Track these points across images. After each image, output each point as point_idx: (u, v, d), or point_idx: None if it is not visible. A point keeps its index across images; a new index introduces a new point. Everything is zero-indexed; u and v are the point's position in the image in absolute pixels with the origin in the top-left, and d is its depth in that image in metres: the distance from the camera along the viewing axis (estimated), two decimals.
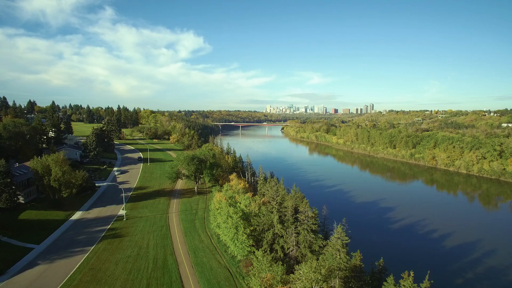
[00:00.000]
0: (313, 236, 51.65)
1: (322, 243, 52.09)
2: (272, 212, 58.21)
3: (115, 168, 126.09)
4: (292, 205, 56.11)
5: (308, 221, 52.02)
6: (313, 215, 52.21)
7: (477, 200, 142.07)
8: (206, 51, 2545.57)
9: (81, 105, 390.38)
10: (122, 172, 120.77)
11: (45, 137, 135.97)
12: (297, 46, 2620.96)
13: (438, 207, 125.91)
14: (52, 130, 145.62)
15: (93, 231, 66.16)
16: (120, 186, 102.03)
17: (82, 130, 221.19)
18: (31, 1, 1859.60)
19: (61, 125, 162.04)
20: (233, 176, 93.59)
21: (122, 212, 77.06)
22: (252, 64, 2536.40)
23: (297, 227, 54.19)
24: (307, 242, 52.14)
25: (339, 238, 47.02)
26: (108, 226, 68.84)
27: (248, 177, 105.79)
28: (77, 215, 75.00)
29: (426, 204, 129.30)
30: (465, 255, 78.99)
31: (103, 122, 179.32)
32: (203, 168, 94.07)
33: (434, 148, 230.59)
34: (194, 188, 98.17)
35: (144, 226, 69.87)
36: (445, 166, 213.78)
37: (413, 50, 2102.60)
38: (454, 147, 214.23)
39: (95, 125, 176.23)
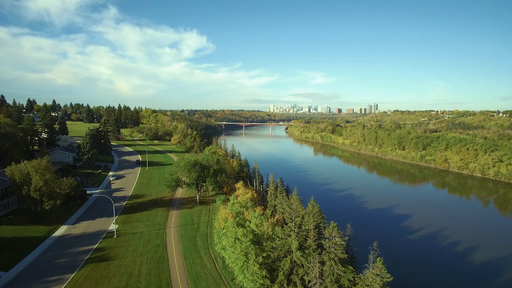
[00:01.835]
0: (342, 268, 41.54)
1: (352, 277, 42.06)
2: (289, 236, 48.17)
3: (111, 173, 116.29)
4: (315, 228, 46.03)
5: (336, 249, 41.93)
6: (343, 242, 42.06)
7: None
8: (210, 50, 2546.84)
9: (82, 104, 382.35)
10: (118, 178, 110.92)
11: (36, 138, 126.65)
12: (300, 45, 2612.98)
13: (456, 213, 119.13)
14: (45, 130, 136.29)
15: (77, 252, 56.33)
16: (114, 194, 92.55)
17: (81, 130, 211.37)
18: (35, 1, 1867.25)
19: (55, 125, 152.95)
20: (239, 185, 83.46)
21: (113, 226, 67.40)
22: (255, 63, 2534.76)
23: (320, 254, 44.19)
24: (333, 275, 42.10)
25: (378, 274, 37.02)
26: (95, 246, 58.95)
27: (256, 185, 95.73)
28: (61, 230, 65.26)
29: (445, 211, 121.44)
30: (495, 272, 70.50)
31: (100, 122, 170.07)
32: (206, 175, 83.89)
33: (446, 150, 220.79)
34: (196, 197, 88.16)
35: (137, 246, 59.95)
36: (458, 169, 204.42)
37: (417, 50, 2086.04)
38: (467, 149, 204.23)
39: (91, 125, 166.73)
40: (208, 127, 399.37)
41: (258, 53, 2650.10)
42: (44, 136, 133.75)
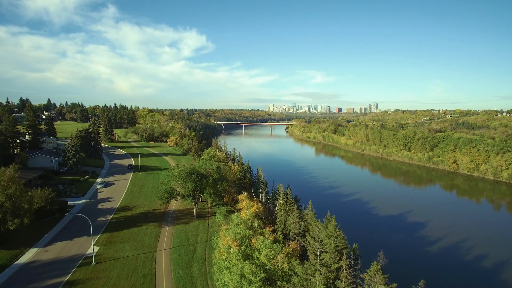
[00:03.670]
0: None
1: None
2: (313, 276, 37.29)
3: (99, 180, 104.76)
4: (349, 267, 35.18)
5: None
6: None
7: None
8: (209, 49, 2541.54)
9: (79, 103, 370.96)
10: (106, 185, 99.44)
11: (18, 140, 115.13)
12: (300, 44, 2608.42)
13: (472, 216, 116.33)
14: (28, 132, 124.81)
15: (42, 287, 45.26)
16: (100, 206, 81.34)
17: (73, 131, 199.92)
18: None
19: (41, 126, 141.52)
20: (243, 196, 72.45)
21: (94, 248, 56.26)
22: (255, 62, 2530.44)
23: None
24: None
25: None
26: (67, 278, 47.57)
27: (262, 196, 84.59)
28: (28, 255, 53.95)
29: (461, 215, 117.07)
30: None
31: (89, 122, 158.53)
32: (204, 185, 72.65)
33: (455, 151, 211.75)
34: (193, 209, 77.01)
35: (119, 277, 48.78)
36: (468, 171, 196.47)
37: (416, 49, 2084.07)
38: (478, 150, 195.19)
39: (85, 126, 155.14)
40: (207, 127, 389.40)
41: (258, 52, 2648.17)
42: (27, 138, 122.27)
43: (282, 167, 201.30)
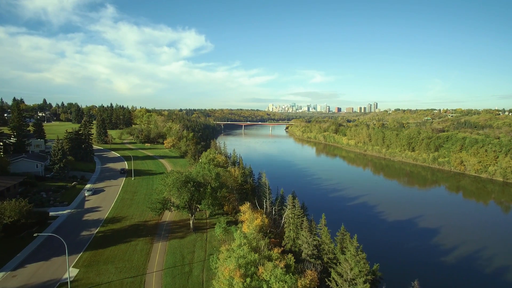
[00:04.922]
0: None
1: None
2: None
3: (88, 186, 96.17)
4: None
5: None
6: None
7: None
8: (208, 49, 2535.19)
9: (76, 104, 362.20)
10: (95, 192, 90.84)
11: (1, 143, 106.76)
12: (299, 44, 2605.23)
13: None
14: (13, 134, 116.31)
15: None
16: (86, 217, 72.95)
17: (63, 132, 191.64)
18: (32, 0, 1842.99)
19: (29, 127, 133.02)
20: (245, 207, 64.42)
21: (72, 272, 48.14)
22: (254, 62, 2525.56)
23: None
24: None
25: None
26: None
27: (266, 206, 76.31)
28: None
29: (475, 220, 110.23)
30: None
31: (81, 123, 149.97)
32: (201, 195, 64.31)
33: (461, 152, 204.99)
34: (189, 220, 68.75)
35: None
36: (475, 172, 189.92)
37: (416, 49, 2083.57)
38: (486, 150, 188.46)
39: (74, 127, 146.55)
40: (206, 127, 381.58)
41: (257, 52, 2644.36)
42: (12, 140, 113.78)
43: (284, 168, 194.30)
